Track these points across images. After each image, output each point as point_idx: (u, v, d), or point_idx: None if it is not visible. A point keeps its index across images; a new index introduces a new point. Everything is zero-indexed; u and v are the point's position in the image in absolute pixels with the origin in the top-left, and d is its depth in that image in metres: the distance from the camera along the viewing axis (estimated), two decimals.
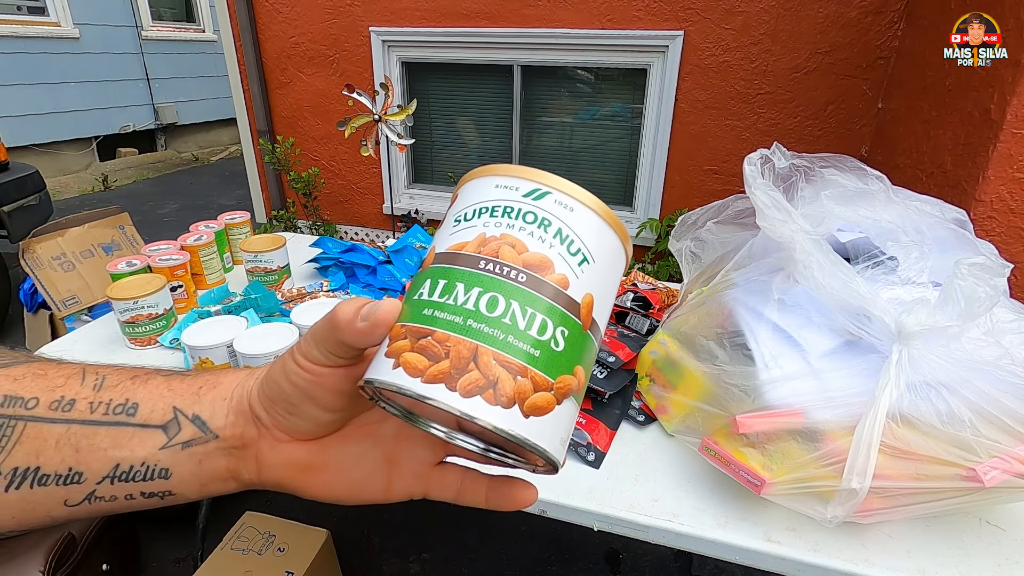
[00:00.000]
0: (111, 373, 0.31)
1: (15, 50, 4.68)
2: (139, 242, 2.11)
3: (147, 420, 0.29)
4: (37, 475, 0.28)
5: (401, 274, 1.25)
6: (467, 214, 0.27)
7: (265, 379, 0.30)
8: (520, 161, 3.34)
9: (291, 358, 0.28)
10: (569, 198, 0.27)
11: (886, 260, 0.73)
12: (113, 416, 0.29)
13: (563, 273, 0.25)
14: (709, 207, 0.94)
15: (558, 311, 0.25)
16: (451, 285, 0.25)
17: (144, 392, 0.30)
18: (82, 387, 0.30)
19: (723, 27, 2.65)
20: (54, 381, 0.30)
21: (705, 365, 0.74)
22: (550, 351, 0.24)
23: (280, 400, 0.29)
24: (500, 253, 0.25)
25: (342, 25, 3.23)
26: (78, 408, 0.29)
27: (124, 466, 0.29)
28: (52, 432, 0.28)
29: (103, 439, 0.29)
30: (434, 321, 0.24)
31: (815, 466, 0.61)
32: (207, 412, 0.30)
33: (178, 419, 0.30)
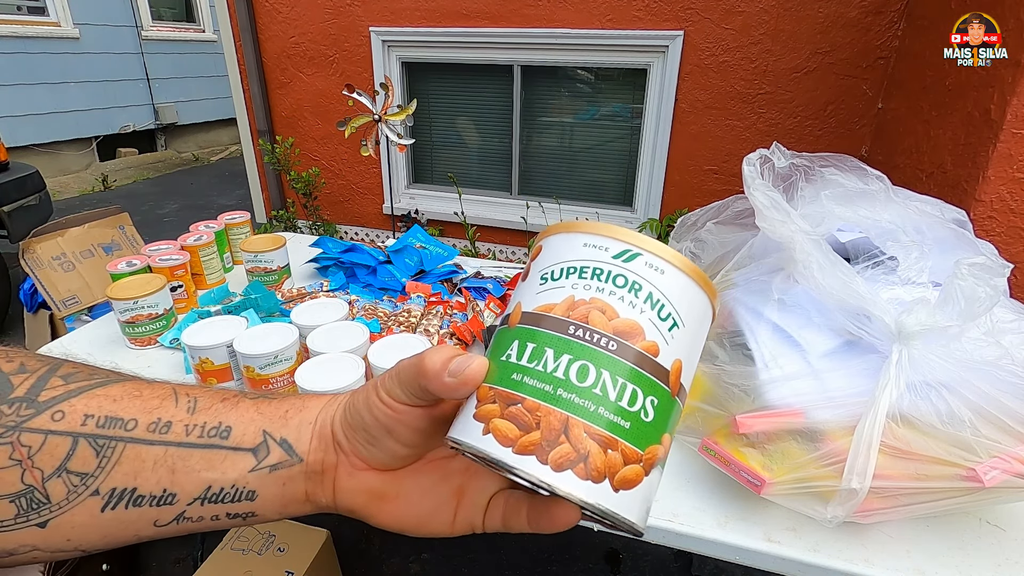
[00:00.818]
0: (202, 395, 0.32)
1: (15, 50, 4.68)
2: (139, 242, 2.11)
3: (239, 443, 0.30)
4: (133, 496, 0.29)
5: (401, 274, 1.25)
6: (554, 273, 0.27)
7: (349, 407, 0.30)
8: (520, 160, 3.34)
9: (374, 392, 0.29)
10: (660, 260, 0.26)
11: (886, 260, 0.73)
12: (208, 439, 0.30)
13: (653, 340, 0.25)
14: (709, 208, 0.94)
15: (648, 380, 0.25)
16: (540, 350, 0.25)
17: (235, 415, 0.31)
18: (176, 409, 0.31)
19: (723, 27, 2.65)
20: (150, 403, 0.31)
21: (705, 365, 0.74)
22: (640, 422, 0.24)
23: (361, 430, 0.30)
24: (590, 319, 0.25)
25: (342, 25, 3.23)
26: (175, 431, 0.30)
27: (215, 488, 0.30)
28: (150, 453, 0.29)
29: (197, 461, 0.30)
30: (524, 388, 0.24)
31: (815, 466, 0.61)
32: (293, 436, 0.31)
33: (267, 443, 0.31)
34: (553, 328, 0.25)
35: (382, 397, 0.29)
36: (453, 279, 1.27)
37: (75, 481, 0.28)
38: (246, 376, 0.87)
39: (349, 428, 0.30)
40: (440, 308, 1.14)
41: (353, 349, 0.84)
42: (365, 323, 1.00)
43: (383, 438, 0.29)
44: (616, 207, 3.25)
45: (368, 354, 0.84)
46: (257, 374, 0.85)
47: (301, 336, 0.90)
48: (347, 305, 1.00)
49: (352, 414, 0.30)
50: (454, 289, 1.25)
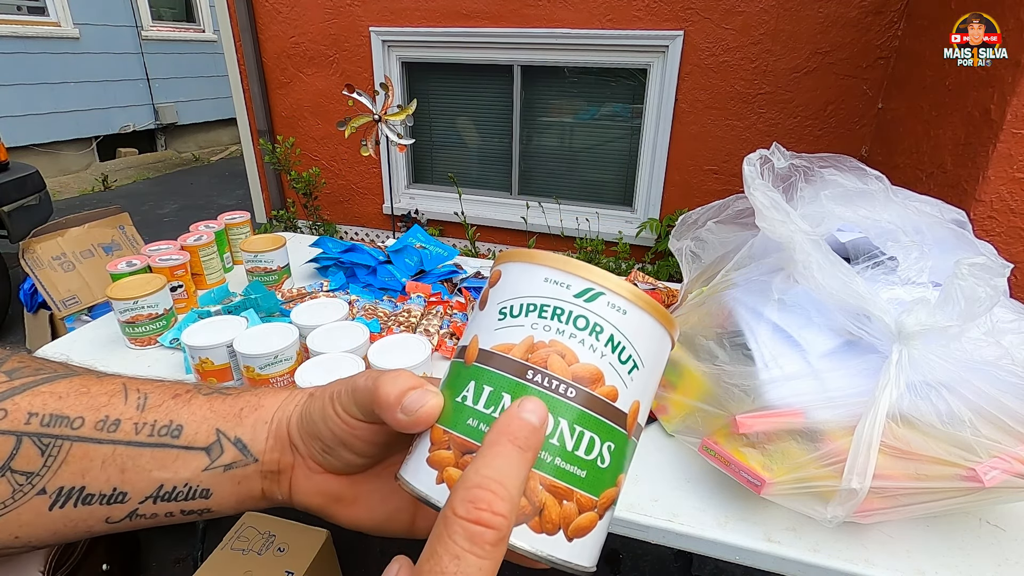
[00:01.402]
0: (153, 391, 0.32)
1: (15, 50, 4.68)
2: (139, 242, 2.11)
3: (191, 442, 0.30)
4: (82, 494, 0.28)
5: (401, 274, 1.25)
6: (514, 308, 0.26)
7: (304, 414, 0.30)
8: (520, 160, 3.34)
9: (330, 404, 0.29)
10: (622, 299, 0.25)
11: (886, 260, 0.73)
12: (158, 438, 0.30)
13: (613, 384, 0.25)
14: (709, 207, 0.94)
15: (606, 426, 0.24)
16: (497, 395, 0.24)
17: (187, 413, 0.31)
18: (126, 406, 0.30)
19: (723, 27, 2.65)
20: (98, 400, 0.30)
21: (705, 365, 0.74)
22: (596, 469, 0.24)
23: (316, 438, 0.29)
24: (549, 363, 0.24)
25: (342, 25, 3.23)
26: (123, 429, 0.29)
27: (168, 487, 0.29)
28: (98, 452, 0.29)
29: (148, 460, 0.29)
30: (479, 436, 0.24)
31: (815, 466, 0.61)
32: (248, 435, 0.31)
33: (221, 442, 0.30)
34: (511, 372, 0.24)
35: (338, 411, 0.28)
36: (453, 279, 1.27)
37: (20, 480, 0.28)
38: (246, 376, 0.87)
39: (305, 434, 0.30)
40: (440, 308, 1.14)
41: (353, 349, 0.84)
42: (365, 323, 1.00)
43: (338, 449, 0.29)
44: (616, 207, 3.25)
45: (368, 354, 0.84)
46: (257, 374, 0.85)
47: (301, 336, 0.90)
48: (347, 305, 1.00)
49: (308, 422, 0.30)
50: (454, 289, 1.25)
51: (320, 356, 0.83)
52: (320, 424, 0.29)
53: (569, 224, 3.20)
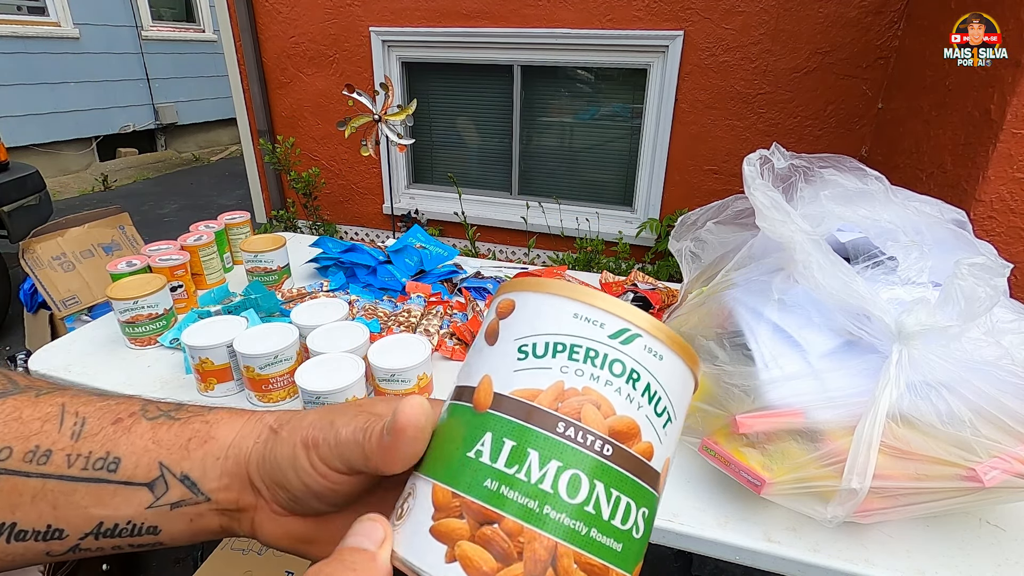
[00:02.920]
0: (92, 415, 0.28)
1: (15, 50, 4.68)
2: (139, 242, 2.11)
3: (130, 477, 0.27)
4: (14, 530, 0.26)
5: (401, 274, 1.25)
6: (537, 347, 0.22)
7: (268, 458, 0.27)
8: (520, 160, 3.34)
9: (305, 456, 0.25)
10: (659, 344, 0.22)
11: (886, 260, 0.73)
12: (93, 472, 0.26)
13: (649, 440, 0.22)
14: (709, 207, 0.94)
15: (642, 489, 0.21)
16: (522, 452, 0.20)
17: (126, 444, 0.27)
18: (59, 435, 0.27)
19: (723, 27, 2.65)
20: (29, 427, 0.27)
21: (705, 365, 0.74)
22: (631, 540, 0.21)
23: (283, 487, 0.26)
24: (583, 415, 0.21)
25: (342, 25, 3.23)
26: (54, 461, 0.26)
27: (108, 524, 0.27)
28: (27, 486, 0.26)
29: (83, 496, 0.26)
30: (502, 503, 0.20)
31: (815, 466, 0.61)
32: (197, 472, 0.27)
33: (165, 478, 0.27)
34: (539, 424, 0.20)
35: (314, 464, 0.25)
36: (453, 279, 1.27)
37: None
38: (246, 376, 0.87)
39: (269, 480, 0.26)
40: (440, 308, 1.14)
41: (353, 349, 0.84)
42: (365, 323, 1.00)
43: (309, 500, 0.26)
44: (616, 207, 3.25)
45: (368, 354, 0.84)
46: (257, 374, 0.85)
47: (301, 336, 0.90)
48: (347, 305, 1.00)
49: (272, 468, 0.26)
50: (454, 289, 1.25)
51: (320, 356, 0.83)
52: (289, 473, 0.26)
53: (569, 224, 3.20)
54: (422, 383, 0.85)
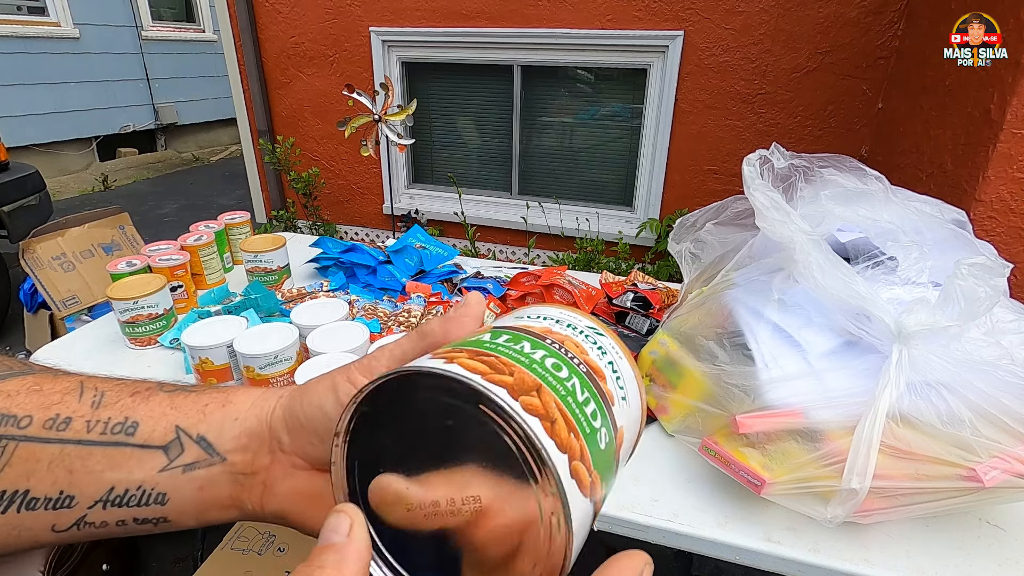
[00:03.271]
0: (111, 388, 0.29)
1: (15, 50, 4.69)
2: (139, 242, 2.11)
3: (147, 440, 0.28)
4: (26, 499, 0.26)
5: (401, 274, 1.25)
6: (531, 315, 0.27)
7: (302, 400, 0.28)
8: (520, 160, 3.34)
9: (344, 377, 0.27)
10: (618, 348, 0.27)
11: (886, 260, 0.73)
12: (111, 436, 0.27)
13: (611, 391, 0.24)
14: (707, 209, 0.94)
15: (606, 414, 0.23)
16: (518, 339, 0.24)
17: (145, 410, 0.28)
18: (79, 404, 0.28)
19: (723, 27, 2.65)
20: (50, 398, 0.28)
21: (705, 365, 0.74)
22: (597, 443, 0.22)
23: (316, 425, 0.27)
24: (565, 343, 0.25)
25: (342, 25, 3.23)
26: (74, 427, 0.27)
27: (119, 489, 0.27)
28: (45, 452, 0.27)
29: (99, 460, 0.27)
30: (498, 350, 0.23)
31: (815, 466, 0.61)
32: (214, 433, 0.28)
33: (181, 439, 0.28)
34: (530, 334, 0.24)
35: (354, 378, 0.26)
36: (453, 279, 1.27)
37: None
38: (246, 376, 0.87)
39: (298, 424, 0.27)
40: (440, 308, 1.14)
41: (353, 349, 0.85)
42: (365, 323, 1.00)
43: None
44: (616, 207, 3.25)
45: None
46: (257, 374, 0.85)
47: (301, 336, 0.90)
48: (347, 305, 1.00)
49: (306, 408, 0.27)
50: (454, 289, 1.25)
51: (320, 356, 0.83)
52: (328, 400, 0.26)
53: (569, 224, 3.20)
54: None
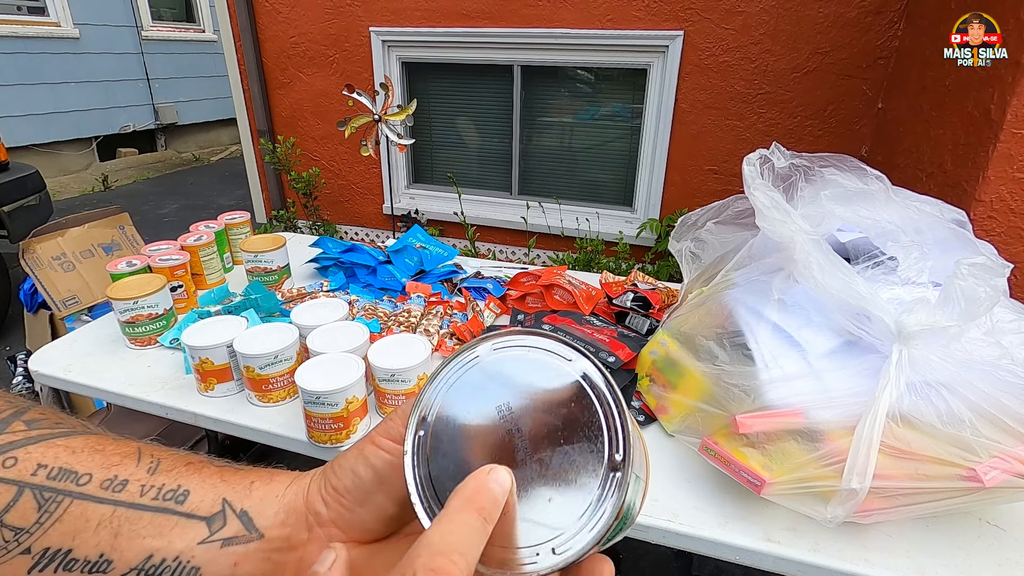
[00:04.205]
0: (166, 457, 0.30)
1: (15, 50, 4.68)
2: (139, 242, 2.11)
3: (194, 510, 0.28)
4: (66, 559, 0.26)
5: (401, 274, 1.25)
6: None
7: (335, 468, 0.29)
8: (520, 160, 3.34)
9: (370, 442, 0.28)
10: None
11: (886, 260, 0.73)
12: (162, 502, 0.28)
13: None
14: (709, 207, 0.94)
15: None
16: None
17: (197, 480, 0.29)
18: (137, 468, 0.29)
19: (723, 27, 2.65)
20: (110, 459, 0.29)
21: (705, 365, 0.74)
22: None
23: (351, 490, 0.28)
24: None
25: (342, 25, 3.23)
26: (129, 490, 0.28)
27: (156, 559, 0.27)
28: (96, 513, 0.27)
29: (145, 525, 0.27)
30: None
31: (815, 466, 0.61)
32: (256, 508, 0.29)
33: (225, 512, 0.28)
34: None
35: (379, 442, 0.28)
36: (453, 279, 1.27)
37: (7, 536, 0.26)
38: (246, 376, 0.87)
39: (333, 491, 0.28)
40: (440, 308, 1.14)
41: (353, 349, 0.84)
42: (365, 323, 1.00)
43: (375, 493, 0.28)
44: (616, 207, 3.25)
45: (368, 354, 0.84)
46: (257, 374, 0.85)
47: (301, 336, 0.90)
48: (347, 305, 1.00)
49: (340, 474, 0.28)
50: (454, 289, 1.25)
51: (320, 356, 0.83)
52: (359, 466, 0.28)
53: (569, 224, 3.20)
54: (422, 383, 0.85)
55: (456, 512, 0.22)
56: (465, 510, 0.22)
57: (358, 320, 1.05)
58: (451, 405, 0.26)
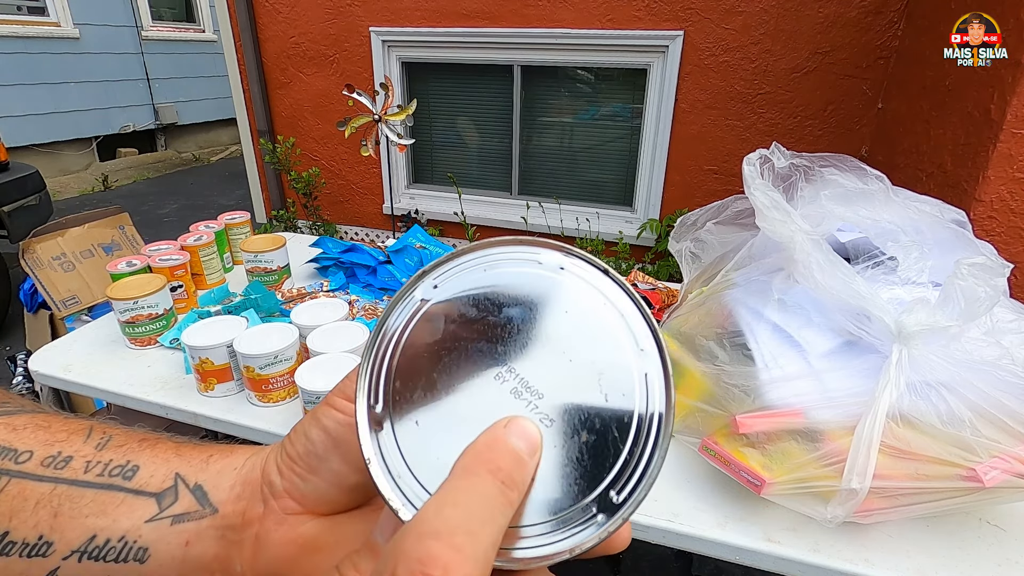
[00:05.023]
0: (121, 433, 0.28)
1: (15, 50, 4.68)
2: (139, 242, 2.11)
3: (143, 486, 0.26)
4: (3, 542, 0.24)
5: (401, 274, 1.25)
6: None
7: (290, 435, 0.26)
8: (520, 160, 3.34)
9: (325, 403, 0.25)
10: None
11: (886, 260, 0.73)
12: (108, 478, 0.26)
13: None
14: (709, 207, 0.94)
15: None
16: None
17: (149, 455, 0.27)
18: (84, 444, 0.27)
19: (723, 27, 2.65)
20: (56, 435, 0.27)
21: (705, 365, 0.74)
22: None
23: (304, 456, 0.25)
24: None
25: (342, 25, 3.23)
26: (72, 466, 0.26)
27: (100, 539, 0.25)
28: (35, 491, 0.25)
29: (88, 503, 0.25)
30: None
31: (815, 466, 0.61)
32: (212, 482, 0.26)
33: (177, 487, 0.26)
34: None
35: (333, 401, 0.25)
36: None
37: None
38: (246, 376, 0.87)
39: (287, 459, 0.25)
40: None
41: (353, 349, 0.84)
42: (365, 323, 1.00)
43: (330, 457, 0.24)
44: (616, 207, 3.25)
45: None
46: (257, 374, 0.85)
47: (301, 336, 0.90)
48: (347, 305, 1.00)
49: (293, 441, 0.26)
50: None
51: (320, 356, 0.83)
52: (311, 429, 0.25)
53: (569, 224, 3.20)
54: None
55: (461, 476, 0.17)
56: (474, 472, 0.17)
57: (358, 320, 1.05)
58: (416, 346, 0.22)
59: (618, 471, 0.20)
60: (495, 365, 0.21)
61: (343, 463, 0.24)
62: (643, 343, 0.21)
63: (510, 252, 0.23)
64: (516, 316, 0.22)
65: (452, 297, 0.22)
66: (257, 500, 0.26)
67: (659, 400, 0.20)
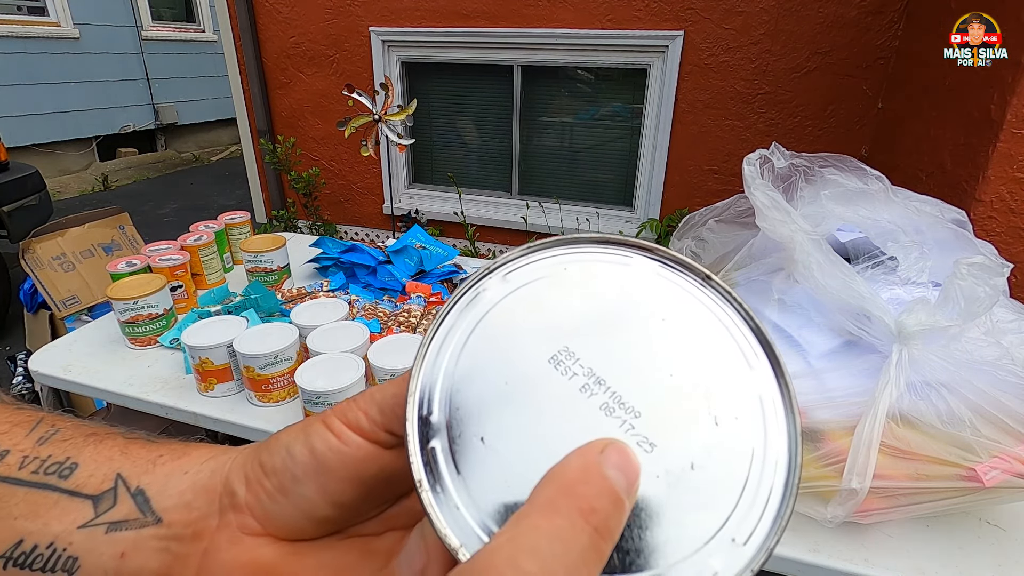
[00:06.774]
0: (68, 427, 0.25)
1: (15, 50, 4.69)
2: (139, 242, 2.11)
3: (79, 487, 0.23)
4: None
5: (401, 274, 1.25)
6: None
7: (269, 443, 0.22)
8: (520, 160, 3.34)
9: (321, 420, 0.22)
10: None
11: (886, 260, 0.73)
12: (43, 476, 0.23)
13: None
14: (713, 207, 0.94)
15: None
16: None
17: (91, 452, 0.24)
18: (25, 438, 0.24)
19: (723, 27, 2.65)
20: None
21: None
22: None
23: (278, 471, 0.21)
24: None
25: (342, 25, 3.23)
26: (7, 462, 0.23)
27: (27, 544, 0.22)
28: None
29: (19, 503, 0.22)
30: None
31: (815, 466, 0.61)
32: (156, 486, 0.23)
33: (116, 490, 0.23)
34: None
35: (330, 422, 0.21)
36: (453, 279, 1.27)
37: None
38: (246, 376, 0.87)
39: (258, 470, 0.22)
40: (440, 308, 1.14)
41: (353, 349, 0.84)
42: (365, 323, 1.00)
43: (305, 482, 0.21)
44: (616, 207, 3.25)
45: (368, 354, 0.84)
46: (257, 374, 0.85)
47: (301, 336, 0.90)
48: (347, 305, 1.00)
49: (271, 451, 0.22)
50: (454, 289, 1.25)
51: (320, 356, 0.83)
52: (296, 445, 0.21)
53: (569, 224, 3.20)
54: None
55: (542, 514, 0.14)
56: (559, 510, 0.13)
57: (358, 320, 1.05)
58: (470, 369, 0.19)
59: (740, 510, 0.16)
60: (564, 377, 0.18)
61: (320, 493, 0.21)
62: (753, 360, 0.19)
63: (592, 249, 0.20)
64: (604, 320, 0.19)
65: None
66: (212, 511, 0.22)
67: (779, 426, 0.18)
